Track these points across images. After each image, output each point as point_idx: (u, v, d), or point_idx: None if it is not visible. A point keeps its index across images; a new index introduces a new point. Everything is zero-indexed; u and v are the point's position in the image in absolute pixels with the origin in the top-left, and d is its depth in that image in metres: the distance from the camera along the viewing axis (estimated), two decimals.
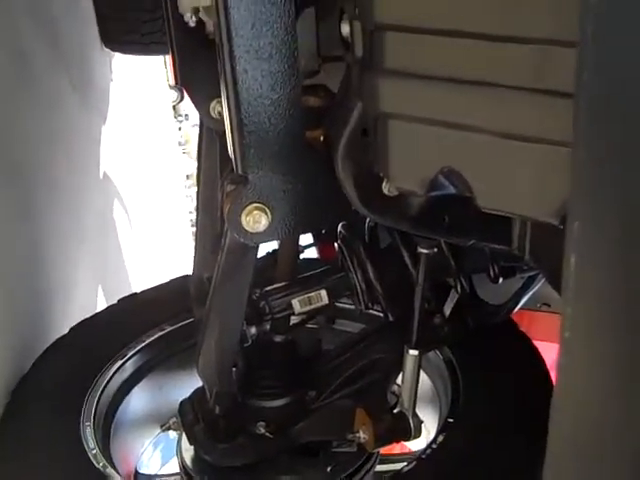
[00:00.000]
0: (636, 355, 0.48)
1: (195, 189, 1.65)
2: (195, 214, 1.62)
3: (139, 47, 3.14)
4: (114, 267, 3.31)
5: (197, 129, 1.56)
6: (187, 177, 6.26)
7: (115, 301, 2.02)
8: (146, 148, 4.35)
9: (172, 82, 1.42)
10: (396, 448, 1.92)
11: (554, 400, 0.56)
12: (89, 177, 2.97)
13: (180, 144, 6.71)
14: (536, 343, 1.67)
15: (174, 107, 6.14)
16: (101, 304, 2.76)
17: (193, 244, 1.65)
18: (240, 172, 1.05)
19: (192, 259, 1.63)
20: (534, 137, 0.73)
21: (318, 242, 1.93)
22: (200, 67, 1.33)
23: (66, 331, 1.88)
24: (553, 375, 1.53)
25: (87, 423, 1.54)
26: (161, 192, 4.77)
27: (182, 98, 1.43)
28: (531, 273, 1.38)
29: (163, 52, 3.33)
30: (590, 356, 0.51)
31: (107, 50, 3.31)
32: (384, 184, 0.96)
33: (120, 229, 3.40)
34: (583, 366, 0.52)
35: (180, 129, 6.83)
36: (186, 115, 6.68)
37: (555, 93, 0.69)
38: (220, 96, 1.26)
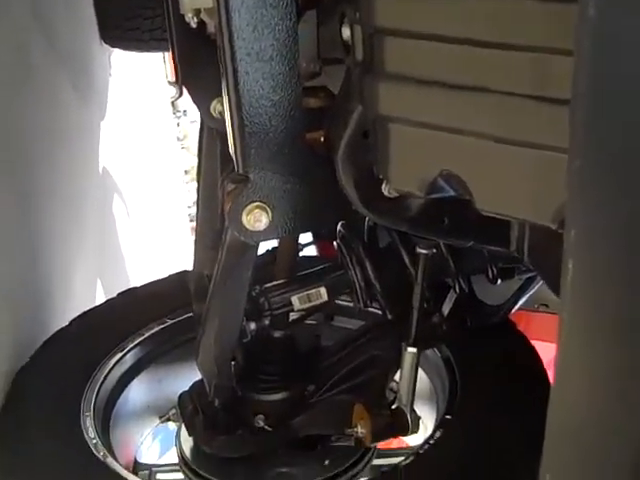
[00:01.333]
0: (633, 360, 0.50)
1: (194, 184, 1.67)
2: (195, 209, 1.63)
3: (139, 44, 3.13)
4: (113, 261, 3.32)
5: (196, 125, 1.57)
6: (185, 172, 6.25)
7: (114, 294, 2.04)
8: (144, 143, 4.35)
9: (171, 78, 1.42)
10: (393, 443, 1.94)
11: (551, 402, 0.57)
12: (88, 171, 2.97)
13: (178, 139, 6.71)
14: (533, 343, 1.68)
15: (173, 103, 6.12)
16: (100, 297, 2.77)
17: (192, 239, 1.66)
18: (241, 171, 1.06)
19: (192, 255, 1.64)
20: (532, 143, 0.74)
21: (317, 240, 1.94)
22: (201, 67, 1.34)
23: (66, 323, 1.89)
24: (550, 374, 1.54)
25: (87, 413, 1.56)
26: (159, 187, 4.77)
27: (181, 94, 1.44)
28: (530, 274, 1.39)
29: (163, 49, 3.30)
30: (586, 360, 0.52)
31: (106, 46, 3.31)
32: (384, 186, 0.97)
33: (119, 223, 3.40)
34: (579, 370, 0.53)
35: (178, 125, 6.81)
36: (184, 111, 6.66)
37: (553, 100, 0.70)
38: (220, 95, 1.27)
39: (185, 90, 1.42)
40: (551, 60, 0.69)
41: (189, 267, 1.67)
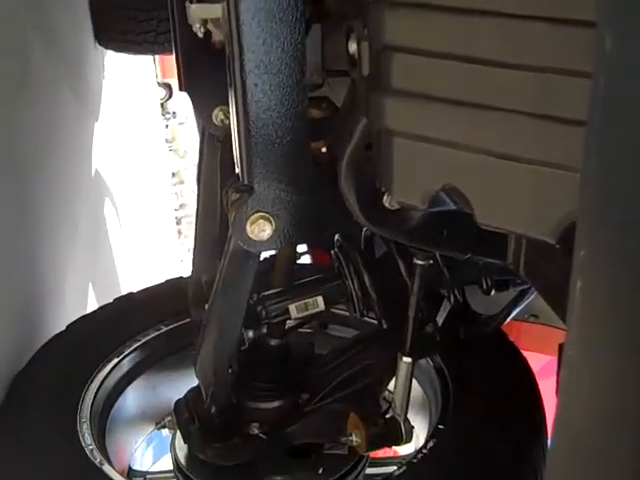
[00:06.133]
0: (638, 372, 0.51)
1: (181, 187, 1.68)
2: (181, 212, 1.64)
3: (133, 46, 3.15)
4: (104, 263, 3.32)
5: (184, 127, 1.58)
6: (173, 175, 6.23)
7: (105, 297, 2.04)
8: (134, 145, 4.36)
9: (161, 80, 1.43)
10: (380, 452, 1.95)
11: (556, 418, 0.59)
12: (82, 173, 2.98)
13: (167, 141, 6.70)
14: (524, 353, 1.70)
15: (162, 104, 6.12)
16: (92, 302, 2.77)
17: (178, 242, 1.67)
18: (246, 182, 1.08)
19: (180, 259, 1.66)
20: (533, 159, 0.76)
21: (312, 249, 1.96)
22: (205, 75, 1.36)
23: (59, 328, 1.89)
24: (540, 384, 1.56)
25: (84, 419, 1.56)
26: (148, 189, 4.78)
27: (170, 96, 1.45)
28: (524, 287, 1.41)
29: (156, 52, 3.35)
30: (594, 373, 0.54)
31: (100, 48, 3.32)
32: (385, 197, 0.99)
33: (110, 226, 3.41)
34: (587, 383, 0.55)
35: (167, 126, 6.81)
36: (173, 113, 6.64)
37: (556, 119, 0.72)
38: (223, 104, 1.29)
39: (188, 98, 1.44)
40: (556, 80, 0.71)
41: (176, 269, 1.68)
